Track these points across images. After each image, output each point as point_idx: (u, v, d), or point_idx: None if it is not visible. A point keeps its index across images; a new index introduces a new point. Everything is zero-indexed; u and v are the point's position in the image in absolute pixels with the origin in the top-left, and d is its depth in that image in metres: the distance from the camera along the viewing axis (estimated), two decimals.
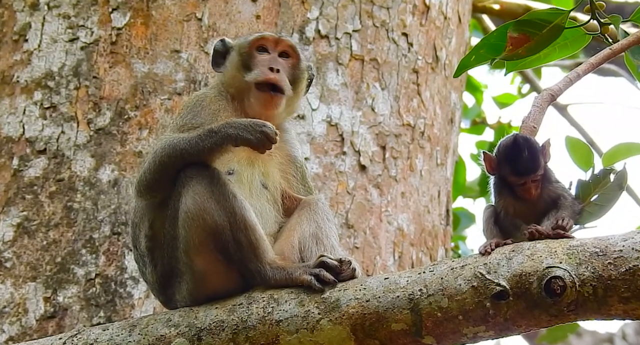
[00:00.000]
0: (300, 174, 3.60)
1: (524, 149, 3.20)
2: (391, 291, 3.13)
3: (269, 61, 3.52)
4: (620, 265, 2.95)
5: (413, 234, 4.83)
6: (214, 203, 3.26)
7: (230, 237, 3.27)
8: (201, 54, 4.66)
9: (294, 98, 3.59)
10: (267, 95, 3.50)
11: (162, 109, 4.58)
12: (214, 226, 3.26)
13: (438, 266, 3.14)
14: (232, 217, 3.27)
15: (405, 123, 4.91)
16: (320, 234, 3.44)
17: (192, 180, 3.30)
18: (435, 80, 5.09)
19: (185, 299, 3.35)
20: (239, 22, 4.73)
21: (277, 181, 3.52)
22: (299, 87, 3.60)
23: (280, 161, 3.57)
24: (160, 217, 3.39)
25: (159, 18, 4.70)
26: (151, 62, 4.64)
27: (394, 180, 4.80)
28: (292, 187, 3.55)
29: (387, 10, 4.96)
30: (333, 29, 4.84)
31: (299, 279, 3.24)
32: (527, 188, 3.19)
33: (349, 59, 4.84)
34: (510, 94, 8.02)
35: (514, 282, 3.01)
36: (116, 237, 4.34)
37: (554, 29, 3.30)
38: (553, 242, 3.06)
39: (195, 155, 3.32)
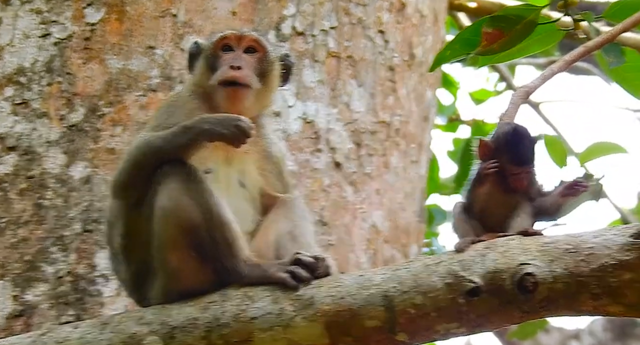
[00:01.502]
0: (278, 170, 3.60)
1: (526, 139, 3.24)
2: (366, 288, 3.15)
3: (231, 60, 3.51)
4: (591, 261, 2.98)
5: (387, 231, 4.85)
6: (190, 200, 3.26)
7: (205, 234, 3.27)
8: (176, 51, 4.64)
9: (265, 91, 3.57)
10: (230, 90, 3.48)
11: (136, 106, 4.55)
12: (189, 223, 3.26)
13: (413, 263, 3.16)
14: (208, 214, 3.26)
15: (380, 120, 4.93)
16: (297, 232, 3.45)
17: (167, 177, 3.29)
18: (411, 77, 5.11)
19: (159, 296, 3.34)
20: (215, 18, 4.72)
21: (255, 179, 3.52)
22: (270, 80, 3.58)
23: (257, 158, 3.57)
24: (136, 216, 3.37)
25: (133, 14, 4.68)
26: (126, 58, 4.61)
27: (369, 178, 4.81)
28: (269, 184, 3.55)
29: (363, 8, 4.97)
30: (310, 26, 4.84)
31: (274, 276, 3.25)
32: (520, 178, 3.22)
33: (325, 56, 4.84)
34: (486, 90, 8.06)
35: (487, 279, 3.04)
36: (87, 234, 4.31)
37: (528, 24, 3.33)
38: (526, 239, 3.09)
39: (170, 152, 3.31)
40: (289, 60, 3.68)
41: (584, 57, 3.49)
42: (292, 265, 3.26)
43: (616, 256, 2.97)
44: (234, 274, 3.28)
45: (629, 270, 2.95)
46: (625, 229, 3.02)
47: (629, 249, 2.96)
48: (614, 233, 3.01)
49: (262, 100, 3.60)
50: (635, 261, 2.95)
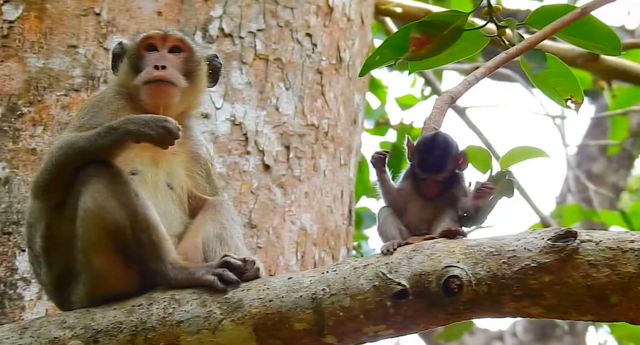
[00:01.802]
0: (206, 172, 3.57)
1: (438, 148, 3.27)
2: (294, 291, 3.15)
3: (155, 60, 3.48)
4: (513, 264, 3.03)
5: (316, 234, 4.85)
6: (115, 201, 3.22)
7: (131, 236, 3.23)
8: (100, 50, 4.56)
9: (192, 90, 3.54)
10: (154, 86, 3.45)
11: (58, 106, 4.47)
12: (114, 225, 3.22)
13: (341, 266, 3.17)
14: (134, 216, 3.23)
15: (309, 123, 4.93)
16: (225, 234, 3.43)
17: (92, 179, 3.24)
18: (339, 81, 5.13)
19: (82, 300, 3.29)
20: (140, 18, 4.66)
21: (183, 180, 3.49)
22: (196, 80, 3.55)
23: (184, 159, 3.53)
24: (58, 217, 3.32)
25: (54, 12, 4.58)
26: (46, 57, 4.52)
27: (298, 180, 4.81)
28: (197, 186, 3.53)
29: (291, 11, 4.97)
30: (237, 27, 4.82)
31: (201, 278, 3.23)
32: (427, 184, 3.25)
33: (253, 58, 4.83)
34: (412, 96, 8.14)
35: (414, 281, 3.06)
36: (7, 237, 4.21)
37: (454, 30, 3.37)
38: (452, 242, 3.13)
39: (94, 153, 3.26)
40: (216, 60, 3.66)
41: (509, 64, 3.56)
42: (220, 267, 3.25)
43: (536, 259, 3.02)
44: (161, 277, 3.25)
45: (548, 272, 3.00)
46: (545, 232, 3.07)
47: (548, 251, 3.02)
48: (534, 236, 3.06)
49: (189, 100, 3.56)
50: (554, 264, 3.00)
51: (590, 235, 3.04)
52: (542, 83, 3.46)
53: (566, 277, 3.00)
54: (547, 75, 3.44)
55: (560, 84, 3.44)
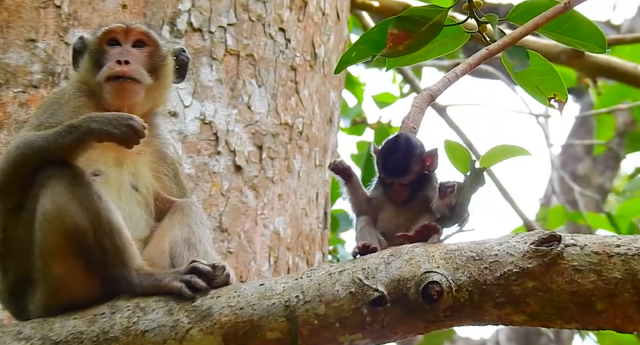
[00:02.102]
0: (173, 172, 3.55)
1: (400, 150, 3.27)
2: (267, 298, 3.14)
3: (118, 54, 3.45)
4: (495, 270, 3.04)
5: (290, 238, 4.85)
6: (76, 204, 3.19)
7: (93, 241, 3.21)
8: (60, 44, 4.52)
9: (158, 87, 3.52)
10: (117, 84, 3.43)
11: (15, 103, 4.42)
12: (74, 229, 3.19)
13: (316, 271, 3.17)
14: (96, 219, 3.20)
15: (283, 122, 4.93)
16: (193, 238, 3.41)
17: (51, 180, 3.21)
18: (313, 78, 5.12)
19: (40, 309, 3.26)
20: (103, 11, 4.62)
21: (149, 182, 3.47)
22: (162, 76, 3.53)
23: (150, 159, 3.51)
24: (14, 221, 3.28)
25: (11, 4, 4.53)
26: (3, 51, 4.47)
27: (271, 182, 4.81)
28: (164, 187, 3.51)
29: (263, 4, 4.96)
30: (206, 22, 4.80)
31: (168, 285, 3.21)
32: (395, 189, 3.26)
33: (223, 54, 4.81)
34: (390, 94, 8.15)
35: (391, 287, 3.06)
36: None
37: (434, 26, 3.38)
38: (431, 246, 3.13)
39: (54, 153, 3.23)
40: (184, 55, 3.63)
41: (491, 60, 3.56)
42: (188, 274, 3.23)
43: (519, 264, 3.03)
44: (125, 284, 3.23)
45: (532, 278, 3.01)
46: (528, 236, 3.08)
47: (531, 256, 3.02)
48: (517, 240, 3.07)
49: (155, 97, 3.54)
50: (538, 269, 3.01)
51: (574, 239, 3.04)
52: (525, 81, 3.47)
53: (550, 282, 3.01)
54: (529, 73, 3.45)
55: (543, 82, 3.45)
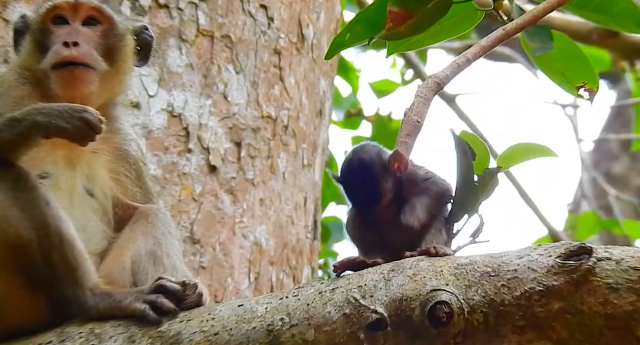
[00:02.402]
0: (135, 173, 3.56)
1: (360, 177, 3.25)
2: (246, 321, 3.14)
3: (65, 35, 3.44)
4: (514, 287, 3.04)
5: (273, 250, 4.86)
6: (18, 211, 3.19)
7: (38, 254, 3.20)
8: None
9: (115, 73, 3.52)
10: (66, 72, 3.42)
11: None
12: (17, 240, 3.19)
13: (304, 290, 3.17)
14: (43, 229, 3.20)
15: (265, 115, 4.94)
16: (160, 252, 3.42)
17: None
18: (300, 63, 5.14)
19: None
20: None
21: (107, 185, 3.47)
22: (120, 59, 3.53)
23: (108, 159, 3.51)
24: None
25: None
26: None
27: (251, 185, 4.82)
28: (125, 191, 3.51)
29: None
30: None
31: (129, 307, 3.20)
32: (378, 214, 3.26)
33: (195, 35, 4.82)
34: (390, 81, 8.17)
35: (392, 308, 3.06)
36: None
37: (441, 3, 3.38)
38: (439, 260, 3.14)
39: None
40: (146, 33, 3.63)
41: (509, 42, 3.56)
42: (153, 293, 3.23)
43: (543, 281, 3.02)
44: (77, 306, 3.22)
45: (558, 298, 3.01)
46: (553, 248, 3.08)
47: (557, 272, 3.02)
48: (539, 253, 3.07)
49: (112, 85, 3.53)
50: (565, 287, 3.01)
51: (609, 252, 3.05)
52: (548, 67, 3.48)
53: (580, 304, 3.01)
54: (553, 57, 3.45)
55: (570, 67, 3.45)
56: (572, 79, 3.47)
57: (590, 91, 3.45)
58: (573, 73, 3.46)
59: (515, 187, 7.30)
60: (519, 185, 7.29)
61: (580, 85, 3.46)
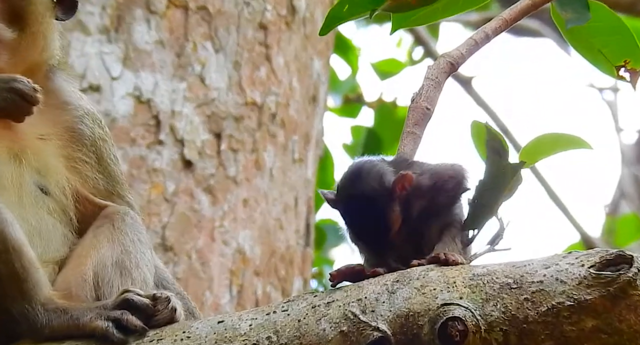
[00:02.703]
0: (95, 155, 3.53)
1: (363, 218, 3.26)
2: (227, 340, 3.15)
3: None
4: (540, 302, 3.03)
5: (259, 259, 4.87)
6: None
7: None
8: None
9: (31, 38, 3.44)
10: None
11: None
12: None
13: (294, 304, 3.17)
14: None
15: (249, 101, 4.95)
16: (128, 262, 3.42)
17: None
18: (291, 40, 5.14)
19: None
20: None
21: (62, 178, 3.45)
22: (32, 20, 3.44)
23: (59, 144, 3.48)
24: None
25: None
26: None
27: (233, 183, 4.83)
28: (86, 180, 3.49)
29: None
30: None
31: (88, 325, 3.20)
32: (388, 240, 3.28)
33: (165, 6, 4.83)
34: (395, 61, 8.17)
35: (397, 325, 3.06)
36: None
37: None
38: (451, 269, 3.14)
39: None
40: None
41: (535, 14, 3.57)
42: (117, 308, 3.22)
43: (574, 295, 3.02)
44: (27, 324, 3.22)
45: (592, 315, 3.01)
46: (586, 256, 3.07)
47: (591, 284, 3.02)
48: (569, 262, 3.06)
49: (30, 54, 3.46)
50: (601, 302, 3.01)
51: None
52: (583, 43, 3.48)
53: (618, 322, 3.01)
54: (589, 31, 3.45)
55: (609, 43, 3.45)
56: (612, 57, 3.47)
57: (632, 72, 3.45)
58: (613, 50, 3.46)
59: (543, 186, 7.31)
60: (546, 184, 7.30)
61: (621, 65, 3.46)
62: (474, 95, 7.35)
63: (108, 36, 4.72)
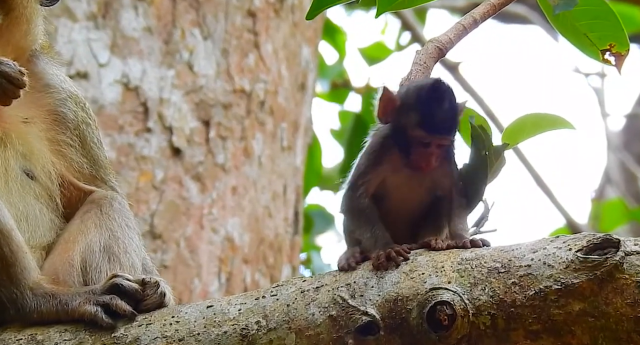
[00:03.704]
0: (79, 139, 3.52)
1: (447, 99, 3.26)
2: (216, 325, 3.15)
3: None
4: (527, 286, 3.04)
5: (247, 247, 4.87)
6: None
7: None
8: None
9: (15, 23, 3.44)
10: None
11: None
12: None
13: (283, 288, 3.17)
14: None
15: (237, 88, 4.94)
16: (116, 247, 3.41)
17: None
18: (279, 28, 5.14)
19: None
20: None
21: (48, 162, 3.44)
22: (16, 4, 3.42)
23: (43, 127, 3.47)
24: None
25: None
26: None
27: (222, 170, 4.83)
28: (70, 164, 3.48)
29: None
30: None
31: (77, 310, 3.20)
32: (429, 153, 3.25)
33: None
34: (383, 45, 8.15)
35: (386, 309, 3.07)
36: None
37: None
38: (440, 254, 3.13)
39: None
40: None
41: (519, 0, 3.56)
42: (106, 293, 3.22)
43: (561, 279, 3.03)
44: (15, 308, 3.22)
45: (579, 298, 3.02)
46: (573, 240, 3.08)
47: (578, 268, 3.03)
48: (557, 246, 3.07)
49: (15, 38, 3.46)
50: (588, 286, 3.01)
51: (639, 244, 3.04)
52: (569, 27, 3.47)
53: (605, 305, 3.02)
54: (575, 16, 3.45)
55: (595, 27, 3.45)
56: (598, 41, 3.46)
57: (617, 55, 3.44)
58: (598, 34, 3.45)
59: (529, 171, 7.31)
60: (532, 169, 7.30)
61: (607, 49, 3.45)
62: (462, 81, 7.34)
63: (95, 23, 4.70)
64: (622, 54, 3.43)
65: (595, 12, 3.45)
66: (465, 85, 7.31)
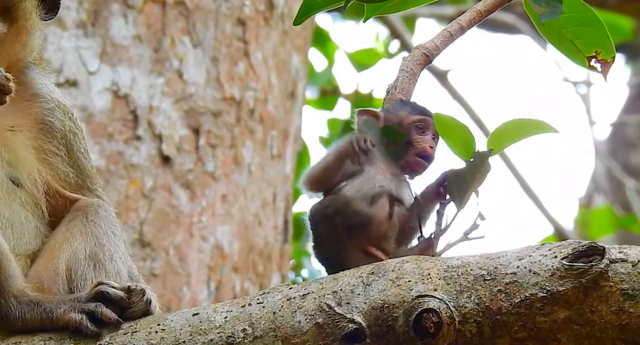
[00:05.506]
0: (65, 148, 3.51)
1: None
2: (202, 333, 3.14)
3: None
4: (513, 293, 3.04)
5: (237, 255, 4.87)
6: None
7: None
8: None
9: (16, 34, 3.46)
10: None
11: None
12: None
13: (270, 296, 3.17)
14: None
15: (227, 96, 4.94)
16: (102, 255, 3.40)
17: None
18: (269, 36, 5.13)
19: None
20: None
21: (34, 170, 3.44)
22: (19, 16, 3.45)
23: (30, 136, 3.47)
24: None
25: None
26: None
27: (211, 178, 4.82)
28: (56, 173, 3.48)
29: None
30: None
31: (62, 318, 3.19)
32: (426, 140, 3.28)
33: (143, 1, 4.82)
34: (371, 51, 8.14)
35: (372, 317, 3.07)
36: None
37: None
38: (426, 261, 3.13)
39: None
40: None
41: (509, 7, 3.56)
42: (91, 301, 3.21)
43: (546, 286, 3.03)
44: None
45: (564, 306, 3.02)
46: (559, 247, 3.07)
47: (563, 276, 3.03)
48: (542, 253, 3.07)
49: (14, 49, 3.47)
50: (573, 293, 3.02)
51: (624, 252, 3.05)
52: (556, 35, 3.48)
53: (590, 312, 3.02)
54: (562, 23, 3.45)
55: (581, 35, 3.45)
56: (584, 48, 3.46)
57: (603, 63, 3.44)
58: (585, 41, 3.46)
59: (516, 178, 7.31)
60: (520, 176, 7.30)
61: (593, 56, 3.45)
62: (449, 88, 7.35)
63: (85, 31, 4.71)
64: (608, 61, 3.44)
65: (582, 19, 3.46)
66: (454, 93, 7.31)
